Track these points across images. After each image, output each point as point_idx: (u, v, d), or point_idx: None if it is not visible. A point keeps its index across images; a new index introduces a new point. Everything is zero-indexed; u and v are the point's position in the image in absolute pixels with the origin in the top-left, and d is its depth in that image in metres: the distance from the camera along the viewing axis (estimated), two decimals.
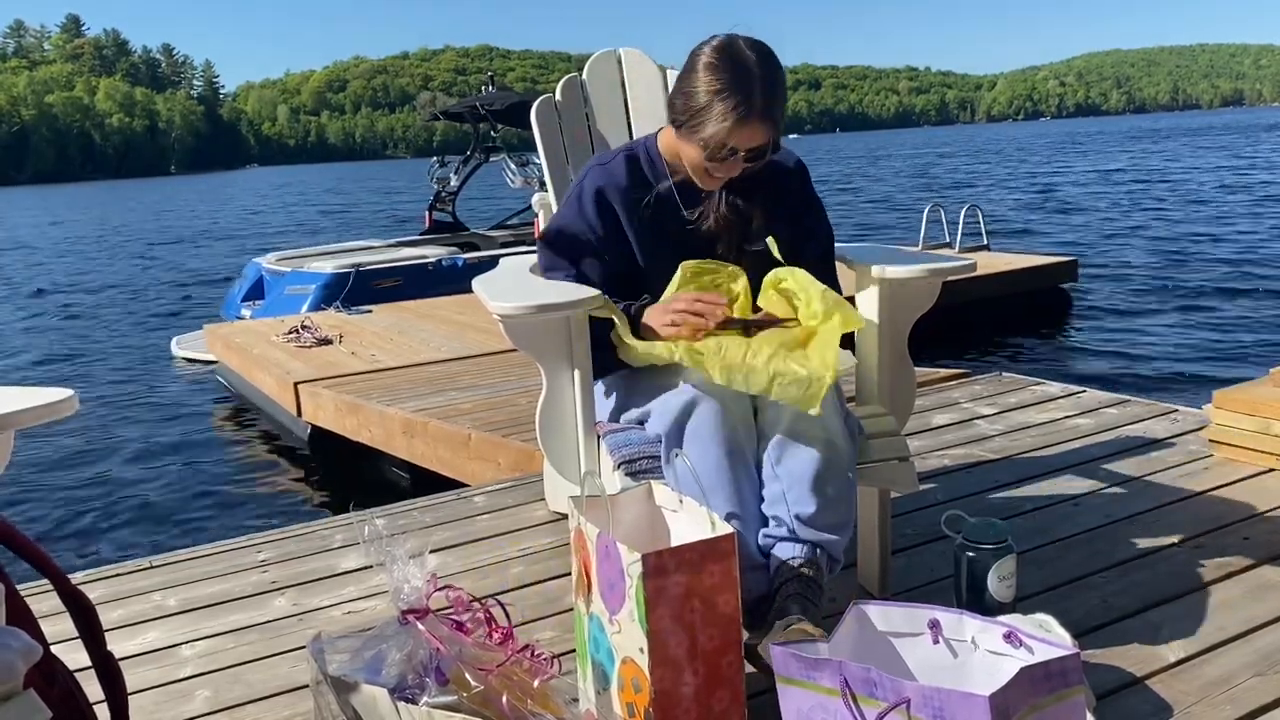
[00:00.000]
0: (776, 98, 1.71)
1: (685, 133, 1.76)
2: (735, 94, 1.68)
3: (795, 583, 1.64)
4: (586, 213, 1.88)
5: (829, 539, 1.67)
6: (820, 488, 1.66)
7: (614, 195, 1.87)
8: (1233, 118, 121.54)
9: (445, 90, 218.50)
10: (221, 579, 2.33)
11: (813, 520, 1.65)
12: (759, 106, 1.69)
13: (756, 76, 1.69)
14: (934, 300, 2.00)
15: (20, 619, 1.10)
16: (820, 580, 1.67)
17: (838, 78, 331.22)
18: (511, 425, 3.98)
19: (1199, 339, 8.02)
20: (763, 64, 1.70)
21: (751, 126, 1.70)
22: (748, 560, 1.67)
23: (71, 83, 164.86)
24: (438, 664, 1.37)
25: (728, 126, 1.69)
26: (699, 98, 1.71)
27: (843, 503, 1.69)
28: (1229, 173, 25.34)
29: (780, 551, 1.67)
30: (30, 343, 10.92)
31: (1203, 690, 1.65)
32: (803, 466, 1.66)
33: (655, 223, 1.89)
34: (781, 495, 1.67)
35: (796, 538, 1.66)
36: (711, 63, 1.71)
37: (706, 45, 1.75)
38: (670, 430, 1.68)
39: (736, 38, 1.74)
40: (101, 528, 4.97)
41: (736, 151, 1.73)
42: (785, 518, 1.67)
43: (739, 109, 1.68)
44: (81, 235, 28.57)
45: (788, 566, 1.66)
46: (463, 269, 9.23)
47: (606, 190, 1.87)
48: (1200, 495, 2.51)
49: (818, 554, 1.67)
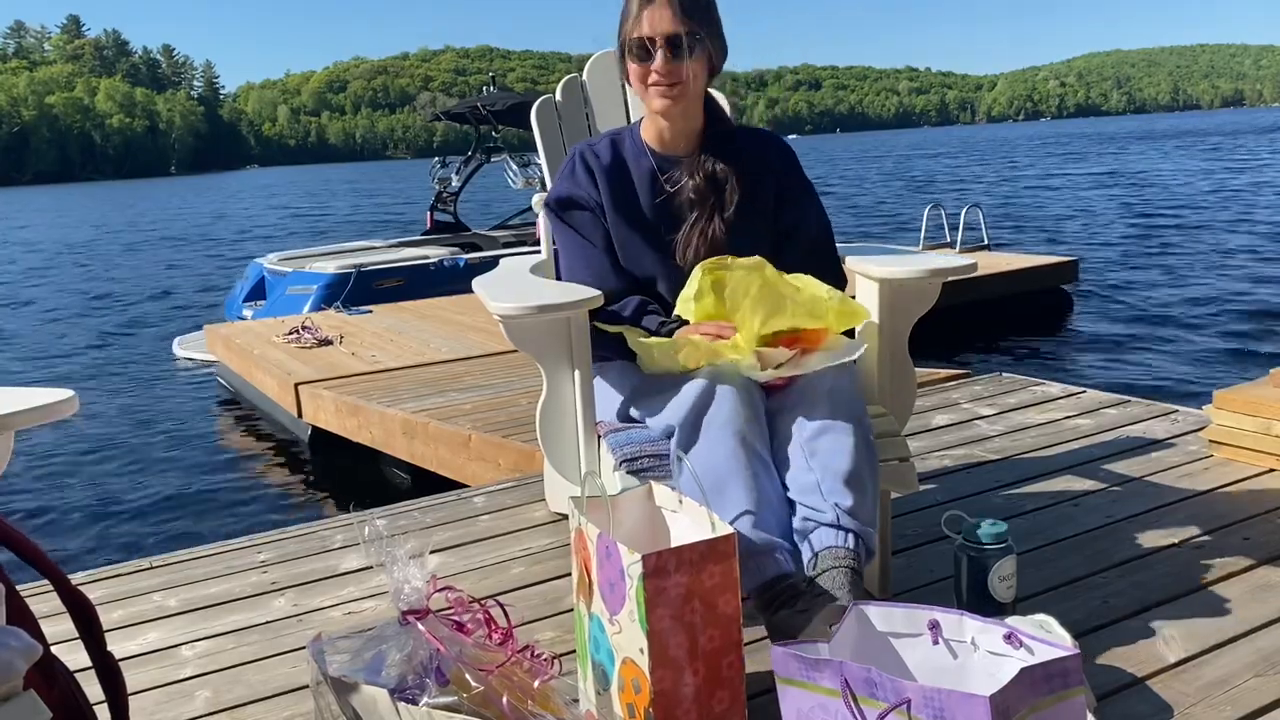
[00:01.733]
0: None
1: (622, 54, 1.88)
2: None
3: (841, 573, 1.61)
4: (578, 176, 1.97)
5: (867, 530, 1.66)
6: (856, 480, 1.65)
7: (593, 162, 1.96)
8: (1232, 118, 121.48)
9: (445, 91, 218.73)
10: (222, 579, 2.33)
11: (851, 510, 1.64)
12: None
13: None
14: (934, 300, 2.00)
15: (20, 619, 1.10)
16: (861, 571, 1.65)
17: (838, 78, 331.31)
18: (512, 426, 3.98)
19: (1199, 339, 8.02)
20: None
21: (656, 9, 1.81)
22: (767, 544, 1.65)
23: (72, 83, 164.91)
24: (438, 664, 1.37)
25: (635, 12, 1.82)
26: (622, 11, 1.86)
27: (875, 497, 1.69)
28: (1228, 175, 25.34)
29: (822, 538, 1.64)
30: (30, 343, 10.93)
31: (1203, 691, 1.65)
32: (838, 460, 1.66)
33: (632, 196, 1.94)
34: (816, 485, 1.66)
35: (839, 525, 1.64)
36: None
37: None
38: (685, 421, 1.68)
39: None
40: (101, 528, 4.97)
41: (653, 44, 1.81)
42: (823, 507, 1.64)
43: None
44: (82, 235, 28.58)
45: (830, 553, 1.63)
46: (464, 269, 9.24)
47: (587, 156, 1.97)
48: (1200, 495, 2.51)
49: (856, 543, 1.65)
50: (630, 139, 1.99)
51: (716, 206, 1.91)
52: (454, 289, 8.38)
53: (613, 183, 1.94)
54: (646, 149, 1.97)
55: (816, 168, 41.68)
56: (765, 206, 1.96)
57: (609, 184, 1.94)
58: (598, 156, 1.96)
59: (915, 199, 22.66)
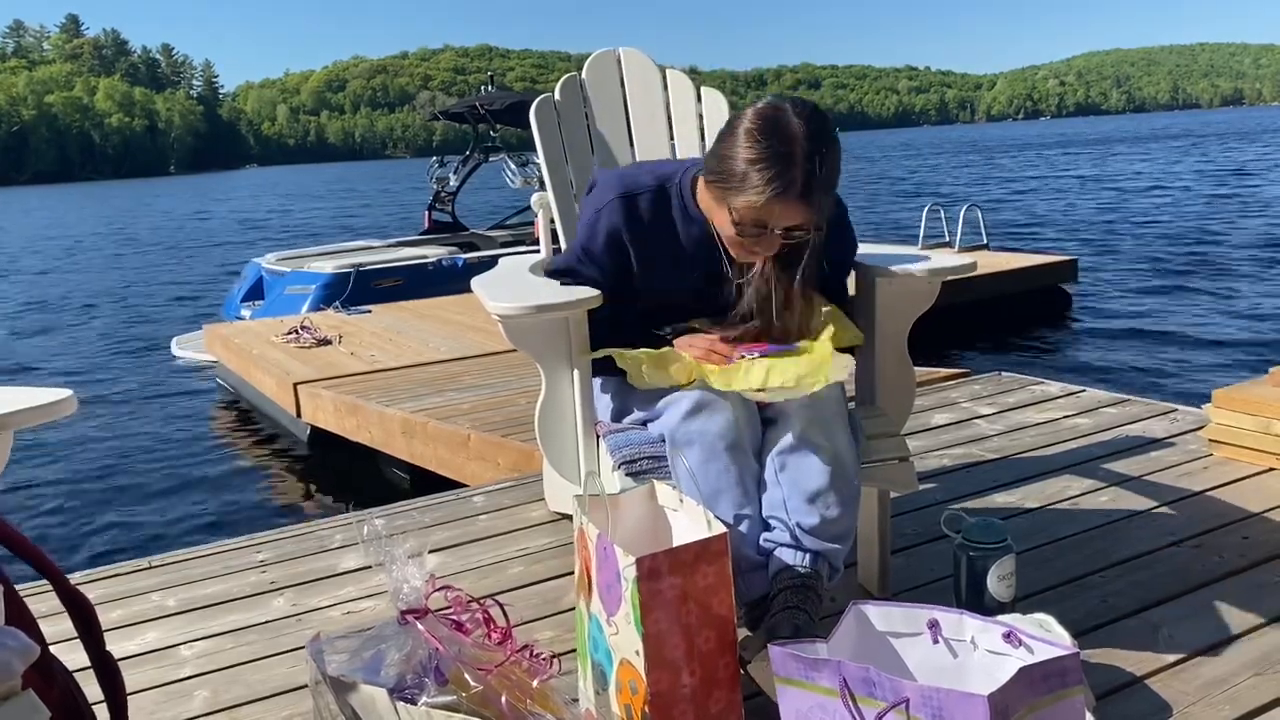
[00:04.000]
0: (821, 177, 1.55)
1: (717, 193, 1.63)
2: (773, 167, 1.53)
3: (793, 593, 1.63)
4: (595, 251, 1.78)
5: (831, 548, 1.66)
6: (822, 499, 1.64)
7: (629, 237, 1.75)
8: (1231, 118, 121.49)
9: (445, 90, 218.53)
10: (221, 579, 2.33)
11: (815, 530, 1.65)
12: (798, 184, 1.54)
13: (801, 151, 1.53)
14: (934, 300, 2.00)
15: (19, 619, 1.10)
16: (819, 588, 1.66)
17: (837, 77, 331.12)
18: (511, 425, 3.98)
19: (1198, 338, 8.02)
20: (811, 139, 1.54)
21: (788, 205, 1.56)
22: (750, 562, 1.66)
23: (71, 83, 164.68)
24: (437, 664, 1.37)
25: (761, 201, 1.55)
26: (736, 164, 1.56)
27: (845, 514, 1.67)
28: (1227, 175, 25.34)
29: (781, 557, 1.66)
30: (29, 342, 10.92)
31: (1202, 690, 1.65)
32: (805, 478, 1.65)
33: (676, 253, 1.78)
34: (782, 502, 1.67)
35: (799, 545, 1.65)
36: (752, 129, 1.56)
37: (751, 108, 1.60)
38: (677, 429, 1.67)
39: (787, 104, 1.58)
40: (101, 528, 4.97)
41: (769, 228, 1.60)
42: (786, 523, 1.66)
43: (774, 184, 1.53)
44: (81, 235, 28.55)
45: (787, 573, 1.65)
46: (462, 269, 9.23)
47: (623, 233, 1.75)
48: (1200, 495, 2.51)
49: (818, 562, 1.67)
50: (679, 198, 1.76)
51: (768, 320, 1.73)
52: (452, 289, 8.37)
53: (650, 244, 1.76)
54: (700, 218, 1.75)
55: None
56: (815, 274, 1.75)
57: (643, 245, 1.76)
58: (634, 216, 1.75)
59: (911, 200, 22.63)
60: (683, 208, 1.76)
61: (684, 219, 1.76)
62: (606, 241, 1.77)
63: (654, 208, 1.76)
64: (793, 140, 1.54)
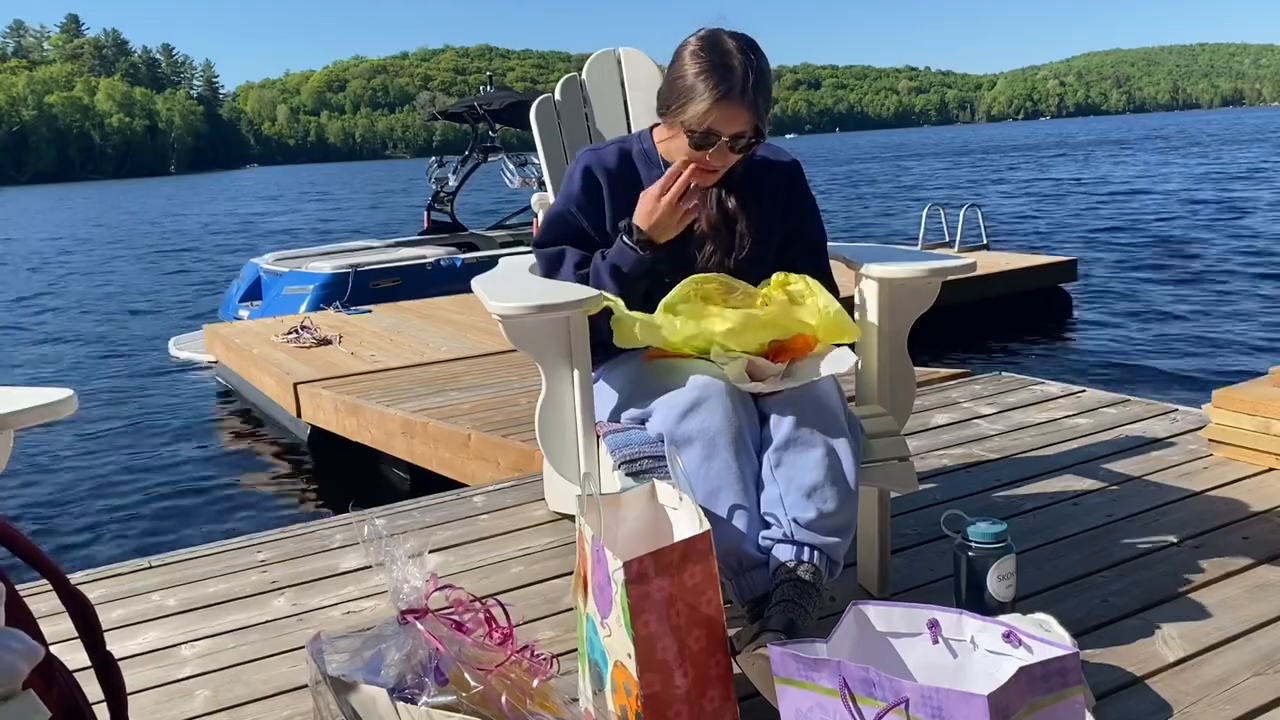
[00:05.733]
0: (758, 85, 1.76)
1: (671, 118, 1.80)
2: (715, 74, 1.74)
3: (790, 587, 1.63)
4: (573, 192, 1.92)
5: (829, 542, 1.66)
6: (819, 493, 1.65)
7: (600, 175, 1.92)
8: (1231, 118, 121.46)
9: (445, 90, 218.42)
10: (221, 579, 2.33)
11: (812, 525, 1.65)
12: (738, 87, 1.74)
13: (738, 61, 1.75)
14: (934, 300, 2.00)
15: (20, 620, 1.10)
16: (818, 584, 1.66)
17: (837, 77, 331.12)
18: (511, 425, 3.98)
19: (1198, 339, 8.02)
20: (746, 51, 1.76)
21: (732, 107, 1.74)
22: (752, 560, 1.66)
23: (71, 83, 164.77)
24: (437, 664, 1.37)
25: (708, 104, 1.73)
26: (683, 81, 1.77)
27: (843, 508, 1.68)
28: (1225, 176, 25.35)
29: (779, 553, 1.66)
30: (30, 343, 10.92)
31: (1202, 690, 1.65)
32: (801, 473, 1.66)
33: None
34: (779, 498, 1.67)
35: (794, 540, 1.66)
36: (695, 50, 1.78)
37: (692, 36, 1.81)
38: (676, 429, 1.67)
39: (721, 30, 1.80)
40: (101, 527, 4.97)
41: (718, 135, 1.76)
42: (782, 520, 1.66)
43: (719, 87, 1.73)
44: (80, 235, 28.56)
45: (785, 569, 1.65)
46: (462, 269, 9.23)
47: (594, 169, 1.92)
48: (1200, 495, 2.51)
49: (816, 557, 1.67)
50: (641, 147, 1.95)
51: (729, 247, 1.89)
52: (451, 289, 8.37)
53: (620, 194, 1.91)
54: (661, 162, 1.93)
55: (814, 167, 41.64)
56: (772, 236, 1.94)
57: (616, 196, 1.91)
58: (605, 168, 1.92)
59: (909, 200, 22.63)
60: (644, 154, 1.95)
61: (646, 165, 1.94)
62: (582, 177, 1.91)
63: (619, 159, 1.94)
64: (730, 54, 1.76)
